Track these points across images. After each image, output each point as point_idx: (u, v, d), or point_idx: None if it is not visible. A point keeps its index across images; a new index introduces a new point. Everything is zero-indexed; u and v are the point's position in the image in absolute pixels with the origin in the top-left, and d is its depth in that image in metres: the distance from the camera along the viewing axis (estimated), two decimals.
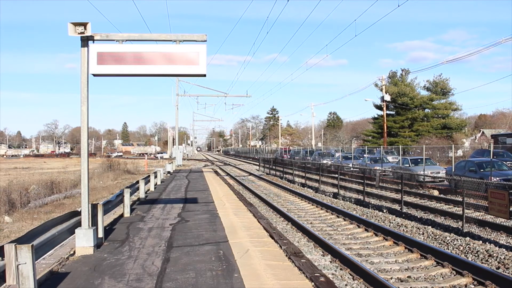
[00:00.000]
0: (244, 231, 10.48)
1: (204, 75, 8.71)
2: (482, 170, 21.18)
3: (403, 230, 12.70)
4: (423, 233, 12.08)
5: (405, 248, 10.38)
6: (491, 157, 21.78)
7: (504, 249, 9.87)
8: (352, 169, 32.69)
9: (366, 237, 11.95)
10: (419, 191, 21.67)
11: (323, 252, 10.15)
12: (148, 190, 20.57)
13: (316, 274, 7.23)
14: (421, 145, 37.06)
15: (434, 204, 17.83)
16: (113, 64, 8.27)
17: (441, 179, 24.93)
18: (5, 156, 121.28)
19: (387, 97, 45.95)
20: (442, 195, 19.85)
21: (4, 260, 5.39)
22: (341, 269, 8.79)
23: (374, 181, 24.34)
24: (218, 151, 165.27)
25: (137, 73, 8.48)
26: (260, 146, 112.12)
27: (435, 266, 8.93)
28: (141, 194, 17.29)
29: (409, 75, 62.39)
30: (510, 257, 9.22)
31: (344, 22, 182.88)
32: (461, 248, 10.31)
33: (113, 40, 8.41)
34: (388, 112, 58.33)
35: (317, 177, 27.36)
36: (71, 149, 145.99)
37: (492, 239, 11.21)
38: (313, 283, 6.79)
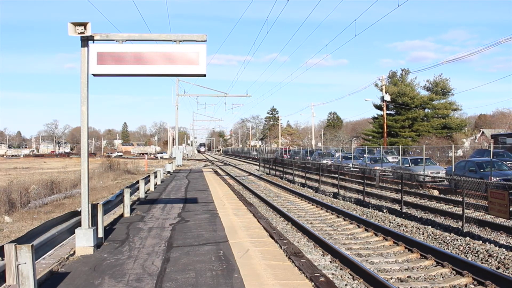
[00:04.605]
0: (244, 231, 10.48)
1: (204, 75, 8.72)
2: (482, 170, 21.17)
3: (403, 230, 12.70)
4: (423, 233, 12.08)
5: (405, 248, 10.38)
6: (491, 157, 21.77)
7: (504, 249, 9.87)
8: (352, 169, 32.69)
9: (366, 237, 11.96)
10: (419, 191, 21.67)
11: (323, 252, 10.15)
12: (148, 190, 20.57)
13: (316, 274, 7.23)
14: (421, 145, 37.05)
15: (434, 204, 17.83)
16: (113, 64, 8.27)
17: (441, 179, 24.93)
18: (5, 156, 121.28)
19: (387, 97, 45.92)
20: (442, 195, 19.85)
21: (4, 260, 5.39)
22: (341, 269, 8.79)
23: (374, 181, 24.34)
24: (218, 151, 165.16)
25: (137, 73, 8.49)
26: (260, 146, 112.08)
27: (435, 266, 8.93)
28: (141, 194, 17.29)
29: (409, 75, 62.39)
30: (510, 257, 9.22)
31: (344, 22, 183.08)
32: (461, 248, 10.31)
33: (113, 40, 8.41)
34: (388, 112, 58.35)
35: (317, 177, 27.37)
36: (71, 149, 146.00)
37: (492, 239, 11.21)
38: (313, 283, 6.79)
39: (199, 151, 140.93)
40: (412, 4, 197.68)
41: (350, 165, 33.72)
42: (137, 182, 17.65)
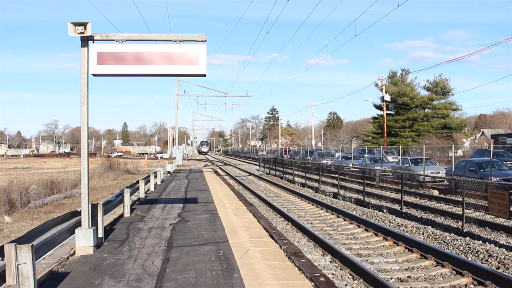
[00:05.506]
0: (244, 231, 10.49)
1: (204, 75, 8.72)
2: (482, 170, 21.17)
3: (403, 230, 12.70)
4: (423, 233, 12.08)
5: (405, 248, 10.38)
6: (491, 157, 21.77)
7: (504, 249, 9.87)
8: (352, 169, 32.69)
9: (366, 237, 11.96)
10: (419, 191, 21.67)
11: (323, 252, 10.15)
12: (148, 190, 20.57)
13: (316, 274, 7.23)
14: (421, 145, 37.05)
15: (434, 204, 17.83)
16: (113, 64, 8.27)
17: (441, 179, 24.93)
18: (5, 156, 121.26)
19: (387, 97, 45.93)
20: (442, 195, 19.84)
21: (4, 260, 5.39)
22: (341, 269, 8.79)
23: (374, 181, 24.33)
24: (218, 151, 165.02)
25: (137, 73, 8.49)
26: (260, 146, 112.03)
27: (435, 266, 8.93)
28: (141, 194, 17.28)
29: (409, 75, 62.44)
30: (510, 257, 9.22)
31: (344, 22, 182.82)
32: (461, 248, 10.31)
33: (113, 40, 8.41)
34: (388, 112, 58.35)
35: (317, 177, 27.36)
36: (71, 149, 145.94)
37: (492, 239, 11.21)
38: (313, 283, 6.79)
39: (200, 152, 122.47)
40: (412, 4, 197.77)
41: (350, 165, 33.72)
42: (137, 182, 17.65)
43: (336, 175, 25.22)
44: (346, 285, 7.83)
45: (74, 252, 8.34)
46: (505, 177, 19.65)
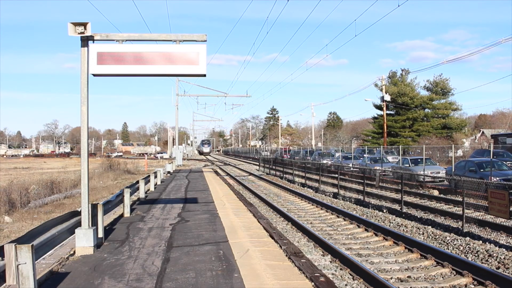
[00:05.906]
0: (244, 231, 10.49)
1: (204, 75, 8.72)
2: (482, 170, 21.17)
3: (403, 230, 12.70)
4: (423, 233, 12.08)
5: (405, 248, 10.38)
6: (491, 157, 21.77)
7: (504, 249, 9.87)
8: (352, 169, 32.69)
9: (366, 237, 11.96)
10: (419, 191, 21.67)
11: (323, 252, 10.15)
12: (148, 190, 20.57)
13: (316, 274, 7.23)
14: (421, 145, 37.05)
15: (434, 204, 17.83)
16: (113, 64, 8.27)
17: (441, 179, 24.93)
18: (5, 156, 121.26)
19: (387, 97, 45.93)
20: (442, 195, 19.85)
21: (4, 260, 5.38)
22: (341, 269, 8.79)
23: (374, 181, 24.33)
24: (218, 151, 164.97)
25: (137, 73, 8.49)
26: (261, 146, 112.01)
27: (435, 266, 8.93)
28: (141, 194, 17.28)
29: (409, 75, 62.49)
30: (510, 257, 9.22)
31: (344, 22, 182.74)
32: (461, 248, 10.31)
33: (113, 40, 8.41)
34: (388, 112, 58.37)
35: (317, 177, 27.36)
36: (71, 149, 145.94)
37: (492, 239, 11.21)
38: (313, 283, 6.79)
39: (201, 152, 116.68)
40: (412, 4, 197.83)
41: (350, 165, 33.71)
42: (137, 182, 17.65)
43: (336, 175, 25.22)
44: (346, 285, 7.84)
45: (74, 252, 8.34)
46: (505, 177, 19.65)
